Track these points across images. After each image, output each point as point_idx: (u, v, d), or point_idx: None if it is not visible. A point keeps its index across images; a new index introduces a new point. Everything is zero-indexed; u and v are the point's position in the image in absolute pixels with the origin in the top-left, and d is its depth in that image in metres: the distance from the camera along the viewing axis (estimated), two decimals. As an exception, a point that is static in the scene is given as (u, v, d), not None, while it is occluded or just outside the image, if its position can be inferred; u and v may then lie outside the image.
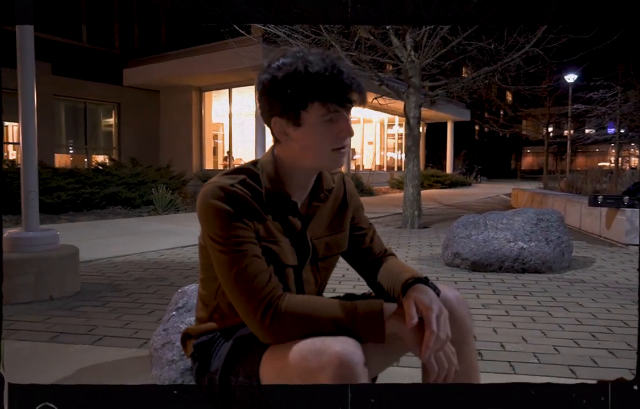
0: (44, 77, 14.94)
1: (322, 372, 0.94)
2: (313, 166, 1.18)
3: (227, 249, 1.08)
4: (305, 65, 1.08)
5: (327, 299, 1.11)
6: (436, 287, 1.14)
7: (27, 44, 3.40)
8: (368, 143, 24.21)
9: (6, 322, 2.76)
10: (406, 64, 7.28)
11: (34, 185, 3.39)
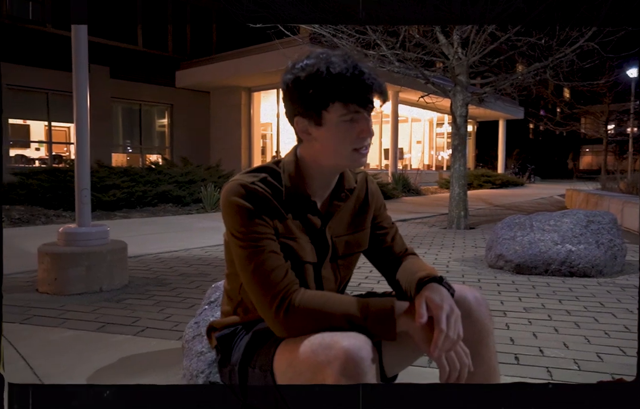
0: (102, 81, 15.69)
1: (328, 366, 0.96)
2: (334, 165, 1.20)
3: (246, 244, 1.11)
4: (327, 66, 1.10)
5: (340, 295, 1.13)
6: (451, 287, 1.13)
7: (81, 44, 3.57)
8: (416, 142, 23.91)
9: (59, 311, 2.94)
10: (453, 61, 7.14)
11: (86, 182, 3.57)
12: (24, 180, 9.21)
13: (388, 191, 13.15)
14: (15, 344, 2.39)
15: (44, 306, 3.04)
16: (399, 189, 14.25)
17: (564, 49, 6.67)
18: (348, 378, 0.94)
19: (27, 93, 14.35)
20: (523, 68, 8.06)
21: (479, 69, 7.90)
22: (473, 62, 7.33)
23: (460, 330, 1.05)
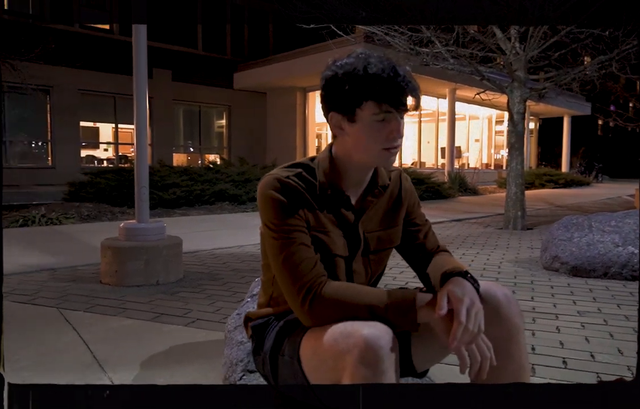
0: (165, 84, 16.40)
1: (348, 354, 0.99)
2: (364, 162, 1.23)
3: (278, 235, 1.17)
4: (365, 66, 1.14)
5: (364, 287, 1.16)
6: (476, 281, 1.13)
7: (141, 43, 3.73)
8: (475, 140, 23.27)
9: (119, 301, 3.13)
10: (510, 56, 6.93)
11: (144, 181, 3.77)
12: (93, 179, 9.79)
13: (443, 190, 12.90)
14: (79, 331, 2.57)
15: (106, 297, 3.24)
16: (455, 189, 13.95)
17: (631, 39, 6.31)
18: (366, 366, 0.97)
19: (97, 97, 15.21)
20: (587, 62, 7.69)
21: (538, 64, 7.61)
22: (532, 56, 7.08)
23: (481, 323, 1.05)
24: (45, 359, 2.21)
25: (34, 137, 14.88)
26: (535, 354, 2.28)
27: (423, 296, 1.10)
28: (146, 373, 2.07)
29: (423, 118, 18.97)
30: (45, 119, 14.62)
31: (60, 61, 13.31)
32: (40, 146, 14.98)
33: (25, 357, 2.22)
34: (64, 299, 3.17)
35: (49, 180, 13.24)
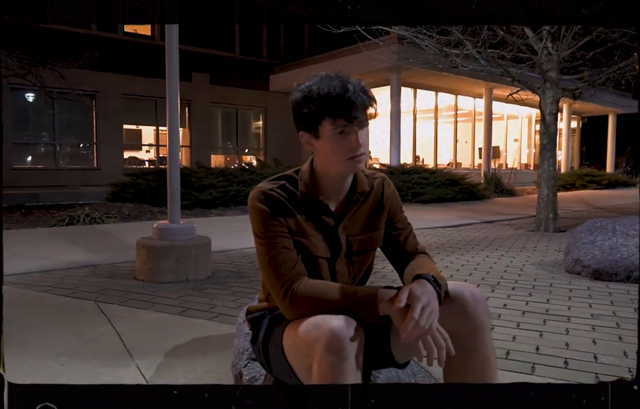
0: (203, 87, 16.88)
1: (317, 342, 1.13)
2: (337, 172, 1.37)
3: (263, 241, 1.33)
4: (318, 88, 1.29)
5: (336, 284, 1.30)
6: (439, 285, 1.24)
7: (173, 43, 3.93)
8: (514, 140, 22.82)
9: (150, 296, 3.37)
10: (541, 56, 6.85)
11: (176, 183, 4.01)
12: (134, 180, 10.25)
13: (478, 191, 12.77)
14: (113, 322, 2.81)
15: (139, 292, 3.49)
16: (490, 190, 13.77)
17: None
18: (332, 353, 1.11)
19: (139, 101, 15.84)
20: (627, 61, 7.49)
21: (571, 64, 7.48)
22: (564, 56, 6.98)
23: (433, 322, 1.16)
24: (81, 346, 2.45)
25: (81, 139, 15.65)
26: (538, 354, 2.35)
27: (386, 292, 1.22)
28: (169, 360, 2.27)
29: (459, 119, 18.77)
30: (92, 123, 15.35)
31: (105, 67, 13.97)
32: (86, 148, 15.72)
33: (62, 344, 2.46)
34: (102, 293, 3.44)
35: (95, 181, 13.90)
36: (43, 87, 8.89)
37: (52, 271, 4.11)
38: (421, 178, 12.05)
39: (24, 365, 2.22)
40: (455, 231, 6.95)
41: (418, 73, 14.10)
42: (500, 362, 2.26)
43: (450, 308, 1.27)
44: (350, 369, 1.11)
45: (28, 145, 14.76)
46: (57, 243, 5.54)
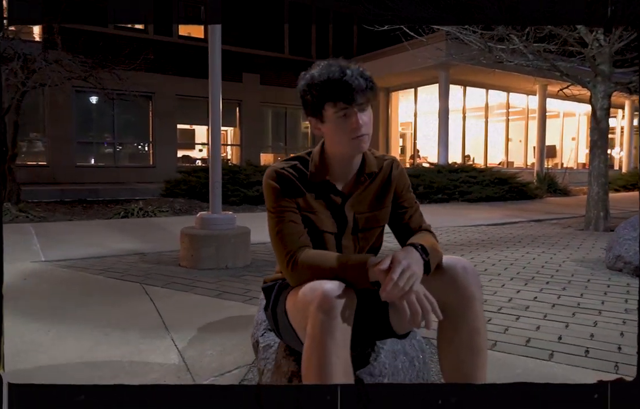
0: (253, 87, 17.31)
1: (311, 303, 1.24)
2: (343, 153, 1.47)
3: (273, 215, 1.45)
4: (319, 75, 1.39)
5: (331, 253, 1.40)
6: (426, 253, 1.32)
7: (216, 43, 4.15)
8: (571, 139, 21.91)
9: (190, 281, 3.59)
10: (592, 49, 6.63)
11: (218, 176, 4.22)
12: (186, 177, 10.70)
13: (529, 191, 12.41)
14: (155, 302, 3.03)
15: (181, 277, 3.72)
16: (543, 189, 13.35)
17: None
18: (323, 312, 1.21)
19: (192, 101, 16.43)
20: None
21: (625, 56, 7.17)
22: (617, 48, 6.72)
23: (413, 285, 1.24)
24: (124, 321, 2.67)
25: (139, 139, 16.45)
26: (560, 343, 2.36)
27: (374, 259, 1.31)
28: (201, 334, 2.45)
29: (511, 117, 18.26)
30: (148, 123, 16.09)
31: (161, 69, 14.62)
32: (143, 147, 16.51)
33: (108, 318, 2.70)
34: (147, 277, 3.69)
35: (150, 178, 14.57)
36: (103, 89, 9.44)
37: (106, 258, 4.42)
38: (469, 177, 11.86)
39: (70, 335, 2.47)
40: (499, 229, 6.84)
41: (467, 70, 13.86)
42: (519, 348, 2.29)
43: (441, 279, 1.36)
44: (337, 326, 1.21)
45: (91, 144, 15.66)
46: (112, 234, 5.93)
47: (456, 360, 1.36)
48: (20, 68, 7.96)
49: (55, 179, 13.87)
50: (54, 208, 8.67)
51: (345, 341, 1.23)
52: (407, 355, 1.75)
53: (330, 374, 1.18)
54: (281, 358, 1.61)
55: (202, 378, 1.97)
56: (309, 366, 1.22)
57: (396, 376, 1.65)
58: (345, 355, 1.23)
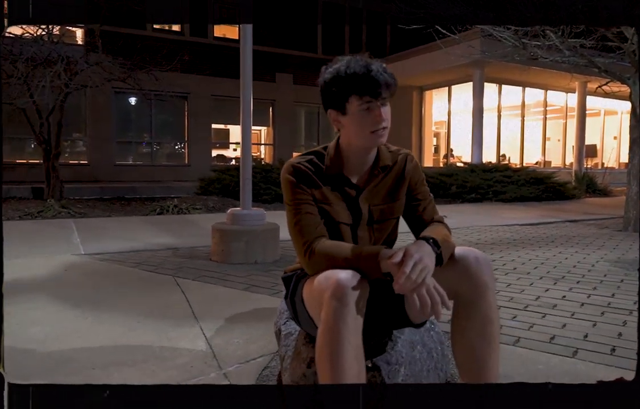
0: (287, 87, 17.48)
1: (325, 291, 1.29)
2: (361, 145, 1.51)
3: (291, 207, 1.51)
4: (345, 68, 1.44)
5: (348, 244, 1.44)
6: (438, 246, 1.35)
7: (247, 43, 4.24)
8: (613, 138, 21.19)
9: (220, 274, 3.69)
10: (632, 44, 6.42)
11: (248, 173, 4.33)
12: (220, 175, 10.92)
13: (567, 191, 12.09)
14: (186, 293, 3.15)
15: (212, 270, 3.83)
16: (581, 189, 12.98)
17: None
18: (336, 299, 1.26)
19: (227, 102, 16.71)
20: None
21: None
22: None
23: (426, 278, 1.27)
24: (156, 310, 2.79)
25: (175, 139, 16.86)
26: (585, 341, 2.34)
27: (387, 251, 1.35)
28: (228, 324, 2.54)
29: (549, 115, 17.81)
30: (184, 123, 16.48)
31: (196, 70, 14.94)
32: (179, 146, 16.91)
33: (141, 307, 2.82)
34: (179, 270, 3.82)
35: (186, 176, 14.92)
36: (140, 90, 9.75)
37: (141, 251, 4.59)
38: (503, 176, 11.65)
39: (105, 321, 2.60)
40: (532, 228, 6.72)
41: (503, 67, 13.62)
42: (543, 345, 2.28)
43: (454, 269, 1.38)
44: (350, 313, 1.25)
45: (129, 143, 16.15)
46: (147, 229, 6.13)
47: (469, 349, 1.38)
48: (63, 70, 8.31)
49: (96, 178, 14.38)
50: (94, 205, 9.00)
51: (357, 328, 1.27)
52: (425, 346, 1.78)
53: (342, 359, 1.23)
54: (301, 345, 1.66)
55: (228, 364, 2.05)
56: (322, 351, 1.27)
57: (413, 366, 1.68)
58: (357, 341, 1.27)
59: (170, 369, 2.01)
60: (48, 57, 8.41)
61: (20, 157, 14.44)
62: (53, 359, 2.09)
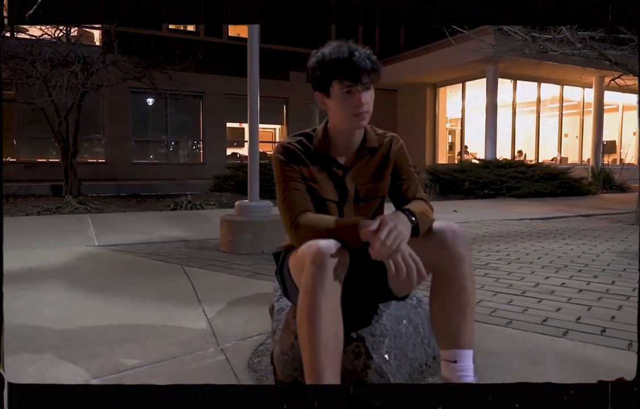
0: (300, 85, 17.59)
1: (307, 258, 1.37)
2: (345, 127, 1.59)
3: (280, 184, 1.60)
4: (329, 53, 1.52)
5: (329, 217, 1.52)
6: (414, 217, 1.42)
7: (254, 42, 4.36)
8: (632, 134, 20.83)
9: (227, 263, 3.80)
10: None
11: (256, 166, 4.43)
12: (234, 172, 11.07)
13: (582, 187, 11.96)
14: (192, 280, 3.26)
15: (219, 260, 3.94)
16: (597, 185, 12.83)
17: None
18: (315, 265, 1.34)
19: (241, 100, 16.79)
20: None
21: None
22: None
23: (400, 244, 1.34)
24: (162, 295, 2.90)
25: (191, 137, 17.11)
26: (578, 323, 2.38)
27: (366, 221, 1.42)
28: (230, 307, 2.64)
29: (565, 111, 17.61)
30: (199, 122, 16.71)
31: (211, 69, 15.14)
32: (195, 145, 17.16)
33: (148, 292, 2.94)
34: (188, 260, 3.93)
35: (200, 174, 15.13)
36: (156, 89, 9.94)
37: (152, 243, 4.73)
38: (517, 172, 11.58)
39: (114, 304, 2.72)
40: (543, 222, 6.70)
41: (517, 63, 13.51)
42: (534, 326, 2.33)
43: (432, 241, 1.46)
44: (328, 278, 1.33)
45: (147, 142, 16.44)
46: (160, 223, 6.28)
47: (445, 317, 1.45)
48: (80, 70, 8.53)
49: (113, 176, 14.68)
50: (110, 202, 9.21)
51: (334, 293, 1.35)
52: (412, 322, 1.85)
53: (318, 319, 1.31)
54: (290, 318, 1.75)
55: (226, 341, 2.15)
56: (301, 313, 1.35)
57: (398, 339, 1.75)
58: (335, 305, 1.35)
59: (171, 345, 2.11)
60: (66, 57, 8.64)
61: (41, 156, 14.81)
62: (61, 336, 2.21)
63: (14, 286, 3.02)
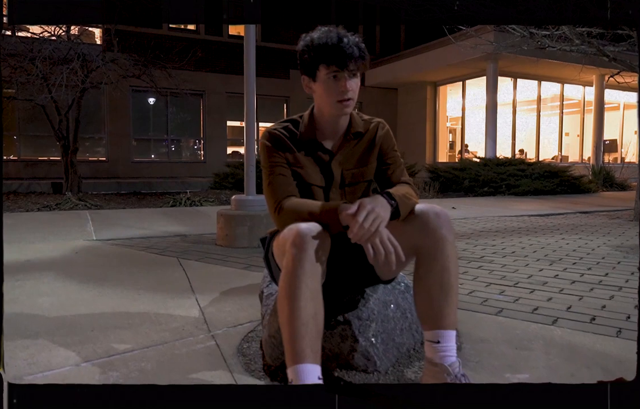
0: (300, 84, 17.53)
1: (288, 240, 1.39)
2: (329, 113, 1.61)
3: (266, 169, 1.61)
4: (317, 37, 1.53)
5: (309, 200, 1.54)
6: (394, 200, 1.43)
7: (251, 42, 4.38)
8: (633, 132, 20.80)
9: (222, 256, 3.81)
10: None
11: (252, 161, 4.46)
12: (234, 170, 11.10)
13: (582, 184, 11.95)
14: (187, 272, 3.28)
15: (215, 253, 3.96)
16: (597, 183, 12.82)
17: None
18: (295, 247, 1.35)
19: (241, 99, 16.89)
20: None
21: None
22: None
23: (378, 227, 1.36)
24: (157, 285, 2.92)
25: (191, 136, 17.13)
26: (568, 312, 2.39)
27: (346, 205, 1.44)
28: (222, 296, 2.66)
29: (566, 109, 17.59)
30: (199, 120, 16.74)
31: (211, 68, 15.16)
32: (195, 143, 17.19)
33: (143, 283, 2.96)
34: (184, 253, 3.95)
35: (201, 173, 15.17)
36: (155, 87, 9.97)
37: (150, 238, 4.75)
38: (517, 170, 11.58)
39: (108, 294, 2.74)
40: (541, 219, 6.70)
41: (517, 61, 13.52)
42: (524, 315, 2.34)
43: (415, 224, 1.47)
44: (308, 259, 1.35)
45: (147, 141, 16.48)
46: (159, 219, 6.30)
47: (428, 299, 1.46)
48: (79, 67, 8.56)
49: (114, 174, 14.71)
50: (110, 199, 9.25)
51: (315, 274, 1.36)
52: (400, 307, 1.87)
53: (298, 299, 1.32)
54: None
55: (217, 328, 2.17)
56: (281, 293, 1.37)
57: (386, 323, 1.77)
58: (315, 286, 1.36)
59: (163, 331, 2.12)
60: (66, 56, 8.67)
61: (42, 154, 14.85)
62: (55, 323, 2.23)
63: (11, 277, 3.05)
